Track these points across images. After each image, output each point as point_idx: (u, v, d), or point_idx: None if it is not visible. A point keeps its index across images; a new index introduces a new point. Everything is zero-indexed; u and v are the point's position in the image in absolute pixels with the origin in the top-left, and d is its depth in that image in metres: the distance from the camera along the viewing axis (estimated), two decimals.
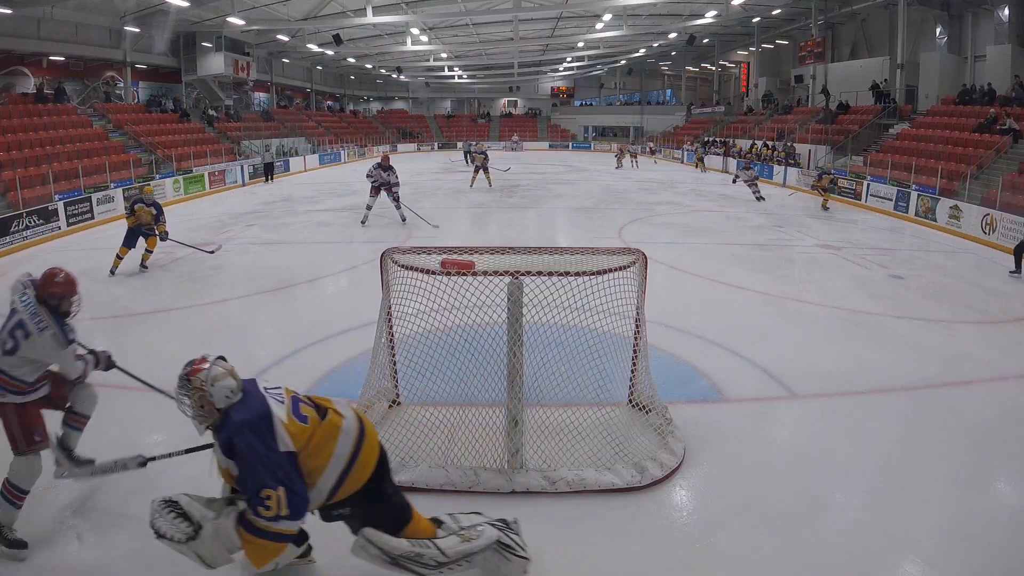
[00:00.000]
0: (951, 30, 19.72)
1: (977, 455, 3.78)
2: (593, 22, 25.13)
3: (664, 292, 6.56)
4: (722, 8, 22.18)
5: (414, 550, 2.34)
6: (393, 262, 3.63)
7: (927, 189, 13.01)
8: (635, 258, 3.64)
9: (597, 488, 3.28)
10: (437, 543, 2.38)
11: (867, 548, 2.92)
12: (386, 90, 43.04)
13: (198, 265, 8.39)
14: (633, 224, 11.75)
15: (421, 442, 3.55)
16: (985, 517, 3.17)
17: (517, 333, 3.26)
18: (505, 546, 2.48)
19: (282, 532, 2.19)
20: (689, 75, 40.69)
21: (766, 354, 5.14)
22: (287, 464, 2.20)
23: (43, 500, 3.21)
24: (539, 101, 43.17)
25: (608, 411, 3.72)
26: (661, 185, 18.89)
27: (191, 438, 3.75)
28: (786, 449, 3.85)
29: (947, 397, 4.60)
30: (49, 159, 13.58)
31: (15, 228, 9.92)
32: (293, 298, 7.00)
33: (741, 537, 2.98)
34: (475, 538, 2.43)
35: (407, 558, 2.34)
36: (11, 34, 16.56)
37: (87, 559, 2.83)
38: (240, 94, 27.50)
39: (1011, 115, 14.29)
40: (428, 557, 2.35)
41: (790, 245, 9.96)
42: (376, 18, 20.27)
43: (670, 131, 33.81)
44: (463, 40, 28.89)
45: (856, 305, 6.68)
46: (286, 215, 13.06)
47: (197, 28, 21.62)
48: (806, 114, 23.91)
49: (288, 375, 4.68)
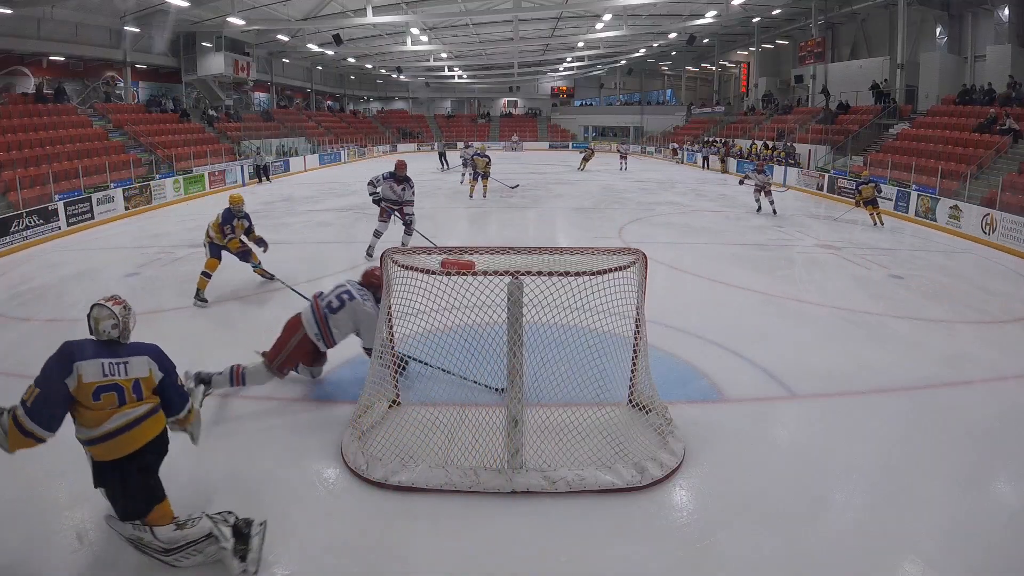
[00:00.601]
0: (951, 30, 19.73)
1: (977, 455, 3.78)
2: (593, 22, 25.14)
3: (664, 292, 6.56)
4: (722, 8, 22.19)
5: (136, 533, 2.67)
6: (393, 262, 3.63)
7: (927, 189, 13.01)
8: (635, 258, 3.64)
9: (597, 488, 3.28)
10: (155, 530, 2.66)
11: (867, 548, 2.92)
12: (386, 90, 43.06)
13: (198, 265, 8.37)
14: (633, 224, 11.75)
15: (421, 442, 3.56)
16: (985, 517, 3.17)
17: (517, 333, 3.26)
18: (214, 538, 2.70)
19: (23, 424, 2.54)
20: (689, 75, 40.70)
21: (766, 354, 5.14)
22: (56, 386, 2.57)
23: (43, 499, 3.21)
24: (539, 101, 43.19)
25: (608, 411, 3.72)
26: (661, 185, 18.90)
27: (188, 439, 3.75)
28: (786, 449, 3.85)
29: (947, 397, 4.60)
30: (49, 159, 13.58)
31: (15, 228, 9.92)
32: (293, 298, 6.99)
33: (741, 537, 2.98)
34: (189, 527, 2.70)
35: (130, 540, 2.70)
36: (11, 34, 16.57)
37: (87, 559, 2.83)
38: (240, 94, 27.52)
39: (1011, 115, 14.30)
40: (147, 541, 2.67)
41: (790, 245, 9.96)
42: (376, 18, 20.28)
43: (670, 131, 33.82)
44: (463, 40, 28.89)
45: (856, 305, 6.68)
46: (286, 215, 13.06)
47: (197, 28, 21.63)
48: (806, 114, 23.91)
49: (288, 375, 4.68)
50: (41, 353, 2.74)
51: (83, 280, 7.81)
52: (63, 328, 5.94)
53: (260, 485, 3.36)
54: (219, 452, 3.67)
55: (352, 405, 3.93)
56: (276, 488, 3.33)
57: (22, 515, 3.09)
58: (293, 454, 3.66)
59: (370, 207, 12.00)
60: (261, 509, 3.15)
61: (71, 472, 3.45)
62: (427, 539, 2.97)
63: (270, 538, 2.91)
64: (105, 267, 8.45)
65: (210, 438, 3.84)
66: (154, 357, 2.79)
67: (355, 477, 3.39)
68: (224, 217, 6.92)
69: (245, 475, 3.46)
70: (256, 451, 3.71)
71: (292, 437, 3.85)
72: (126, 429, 2.64)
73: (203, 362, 4.98)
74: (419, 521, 3.08)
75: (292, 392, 4.44)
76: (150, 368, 2.75)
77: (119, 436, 2.63)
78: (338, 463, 3.54)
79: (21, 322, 6.17)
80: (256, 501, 3.21)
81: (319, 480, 3.42)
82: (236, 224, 6.97)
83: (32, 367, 4.81)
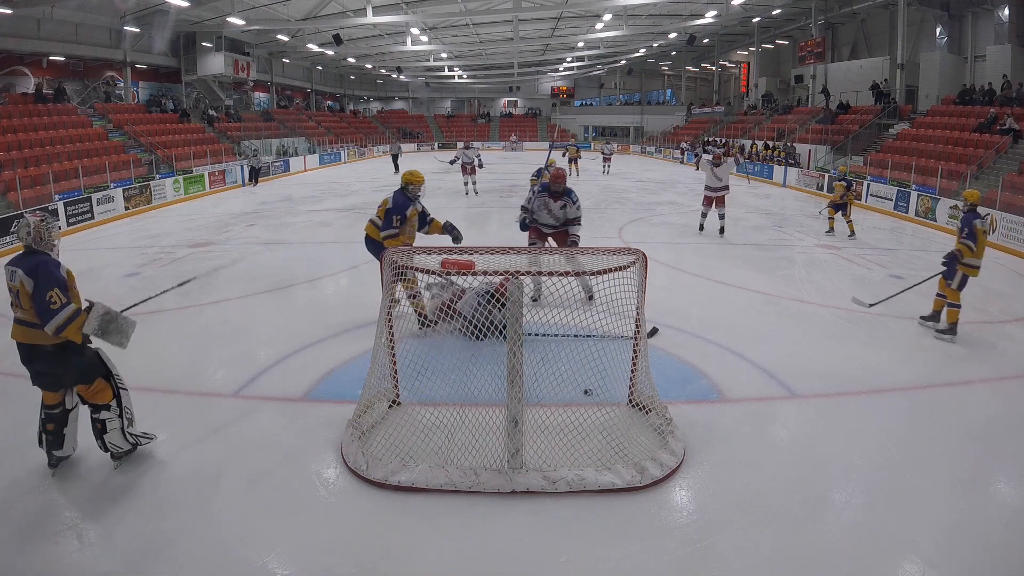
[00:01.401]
0: (951, 30, 19.74)
1: (977, 455, 3.78)
2: (593, 22, 25.15)
3: (664, 292, 6.56)
4: (722, 8, 22.20)
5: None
6: (393, 262, 3.63)
7: (927, 189, 13.01)
8: (635, 258, 3.64)
9: (597, 488, 3.28)
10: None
11: (867, 548, 2.92)
12: (386, 90, 43.08)
13: (198, 265, 8.39)
14: (633, 224, 11.75)
15: (421, 442, 3.56)
16: (985, 517, 3.17)
17: (517, 333, 3.26)
18: None
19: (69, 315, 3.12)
20: (689, 75, 40.70)
21: (766, 354, 5.14)
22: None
23: (43, 499, 3.21)
24: (539, 101, 43.20)
25: (608, 411, 3.72)
26: (661, 185, 18.90)
27: (188, 439, 3.75)
28: (786, 449, 3.85)
29: (947, 397, 4.60)
30: (49, 159, 13.59)
31: (15, 228, 9.91)
32: (293, 298, 6.99)
33: (741, 537, 2.98)
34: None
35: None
36: (11, 34, 16.57)
37: (87, 559, 2.83)
38: (240, 94, 27.53)
39: (1011, 115, 14.30)
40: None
41: (790, 245, 9.96)
42: (376, 18, 20.29)
43: (670, 131, 33.84)
44: (463, 40, 28.90)
45: (856, 305, 6.68)
46: (286, 215, 13.07)
47: (197, 28, 21.64)
48: (806, 114, 23.92)
49: (288, 375, 4.69)
50: None
51: (83, 280, 7.76)
52: None
53: (260, 485, 3.35)
54: (219, 452, 3.67)
55: (352, 405, 3.93)
56: (276, 488, 3.33)
57: (22, 515, 3.09)
58: (293, 454, 3.65)
59: (370, 207, 11.95)
60: (261, 509, 3.16)
61: (71, 472, 3.46)
62: (427, 539, 2.97)
63: (270, 538, 2.92)
64: (105, 267, 8.44)
65: (210, 437, 3.84)
66: (29, 272, 3.12)
67: (355, 477, 3.39)
68: (396, 202, 5.19)
69: (245, 475, 3.45)
70: (256, 451, 3.71)
71: (292, 437, 3.85)
72: (18, 323, 3.22)
73: (203, 362, 4.99)
74: (419, 521, 3.08)
75: (292, 392, 4.44)
76: (22, 281, 3.12)
77: (15, 327, 3.23)
78: (338, 463, 3.54)
79: None
80: (256, 501, 3.22)
81: (319, 480, 3.42)
82: (409, 212, 5.29)
83: None
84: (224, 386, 4.50)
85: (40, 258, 3.18)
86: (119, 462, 3.48)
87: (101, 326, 3.23)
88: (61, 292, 3.11)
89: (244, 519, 3.08)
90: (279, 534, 2.96)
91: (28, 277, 3.10)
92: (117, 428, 3.41)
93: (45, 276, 3.10)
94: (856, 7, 22.81)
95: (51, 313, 3.06)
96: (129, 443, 3.47)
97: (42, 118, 15.44)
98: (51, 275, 3.12)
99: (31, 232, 3.24)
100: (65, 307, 3.09)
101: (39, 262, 3.15)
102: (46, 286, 3.08)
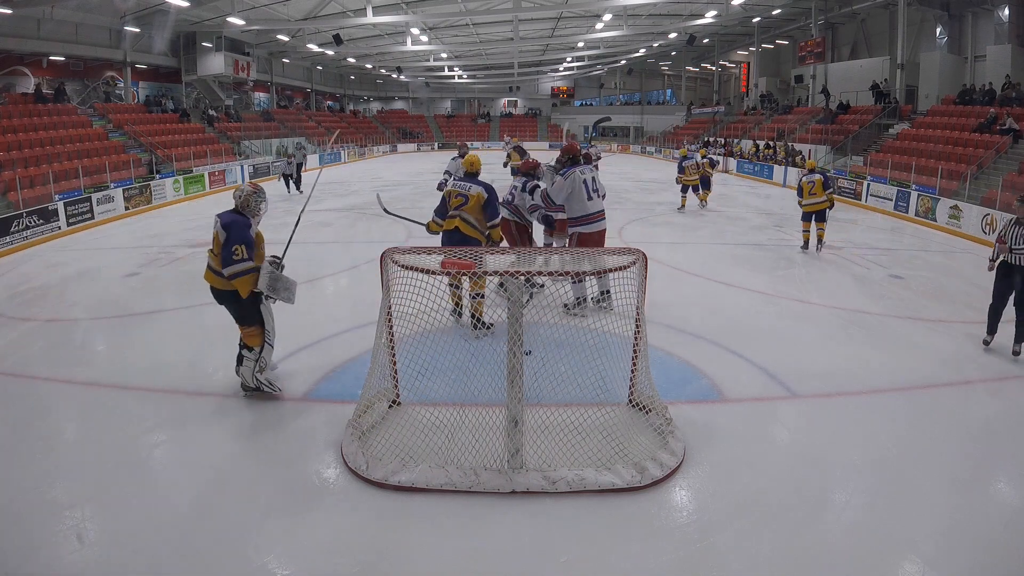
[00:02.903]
0: (951, 30, 19.74)
1: (977, 455, 3.78)
2: (593, 22, 25.15)
3: (664, 292, 6.56)
4: (722, 8, 22.20)
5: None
6: (393, 262, 3.62)
7: (927, 189, 13.00)
8: (635, 258, 3.64)
9: (597, 488, 3.28)
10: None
11: (867, 548, 2.92)
12: (386, 90, 43.08)
13: (198, 265, 8.37)
14: (633, 224, 11.75)
15: (421, 442, 3.56)
16: (985, 517, 3.17)
17: (517, 333, 3.26)
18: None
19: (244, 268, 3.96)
20: (689, 75, 40.70)
21: (766, 354, 5.14)
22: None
23: (43, 499, 3.21)
24: (539, 101, 43.20)
25: (608, 411, 3.72)
26: (661, 185, 18.89)
27: (188, 439, 3.74)
28: (786, 449, 3.85)
29: (947, 397, 4.60)
30: (49, 159, 13.59)
31: (15, 228, 9.92)
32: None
33: (741, 537, 2.98)
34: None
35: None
36: (11, 34, 16.58)
37: (87, 559, 2.83)
38: (240, 94, 27.53)
39: (1011, 115, 14.30)
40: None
41: (790, 245, 9.96)
42: (376, 18, 20.29)
43: (670, 131, 33.83)
44: (463, 40, 28.90)
45: (856, 305, 6.68)
46: (286, 215, 13.04)
47: (197, 28, 21.64)
48: (806, 114, 23.92)
49: (288, 375, 4.69)
50: (41, 353, 2.74)
51: (83, 280, 7.81)
52: (63, 328, 5.95)
53: (260, 485, 3.36)
54: (219, 452, 3.67)
55: (352, 405, 3.93)
56: (276, 488, 3.33)
57: (22, 515, 3.09)
58: (293, 454, 3.66)
59: (370, 207, 11.95)
60: (261, 509, 3.16)
61: (71, 472, 3.46)
62: (427, 539, 2.97)
63: (270, 538, 2.92)
64: (105, 267, 8.44)
65: (210, 437, 3.85)
66: (224, 226, 3.92)
67: (355, 477, 3.39)
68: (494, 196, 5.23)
69: (245, 475, 3.46)
70: (256, 451, 3.71)
71: (292, 437, 3.85)
72: (209, 269, 4.11)
73: (203, 362, 4.99)
74: (419, 521, 3.08)
75: (292, 392, 4.44)
76: (217, 231, 3.95)
77: (208, 272, 4.13)
78: (338, 463, 3.54)
79: (21, 322, 6.16)
80: (256, 501, 3.22)
81: (319, 480, 3.42)
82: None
83: (32, 367, 4.82)
84: (224, 386, 4.50)
85: (238, 218, 3.97)
86: (246, 393, 4.25)
87: (271, 283, 3.95)
88: (246, 249, 3.87)
89: (244, 519, 3.08)
90: (279, 534, 2.96)
91: (223, 229, 3.89)
92: (250, 367, 4.17)
93: (236, 232, 3.88)
94: (856, 7, 22.81)
95: (232, 262, 3.83)
96: (253, 385, 4.19)
97: (42, 118, 15.44)
98: (241, 233, 3.88)
99: (240, 197, 4.05)
100: (244, 261, 3.86)
101: (235, 220, 3.94)
102: (235, 239, 3.85)
